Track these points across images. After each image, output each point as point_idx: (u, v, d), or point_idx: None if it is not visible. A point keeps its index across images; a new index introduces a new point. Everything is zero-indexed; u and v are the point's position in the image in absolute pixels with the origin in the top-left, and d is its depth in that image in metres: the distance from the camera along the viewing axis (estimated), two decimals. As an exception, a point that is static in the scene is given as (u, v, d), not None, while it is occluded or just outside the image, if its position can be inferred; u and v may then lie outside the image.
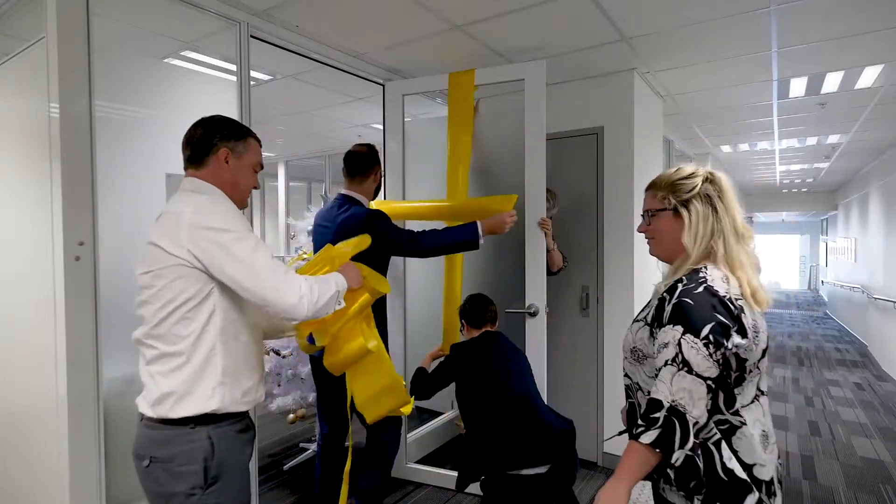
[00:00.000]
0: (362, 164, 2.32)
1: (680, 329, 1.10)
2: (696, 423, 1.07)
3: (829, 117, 4.57)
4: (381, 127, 3.23)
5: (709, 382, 1.07)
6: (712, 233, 1.21)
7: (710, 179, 1.25)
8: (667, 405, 1.07)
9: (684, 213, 1.23)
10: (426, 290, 3.42)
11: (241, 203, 1.44)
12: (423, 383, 2.26)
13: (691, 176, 1.26)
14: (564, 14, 2.39)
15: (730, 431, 1.13)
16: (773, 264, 22.00)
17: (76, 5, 1.76)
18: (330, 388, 2.26)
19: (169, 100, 2.81)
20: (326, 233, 2.25)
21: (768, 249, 21.61)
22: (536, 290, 2.69)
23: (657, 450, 1.06)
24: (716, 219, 1.22)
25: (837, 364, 6.52)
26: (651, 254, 1.36)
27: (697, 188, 1.24)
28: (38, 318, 1.85)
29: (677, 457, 1.07)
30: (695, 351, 1.08)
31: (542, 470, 1.94)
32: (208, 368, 1.26)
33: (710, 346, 1.07)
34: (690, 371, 1.07)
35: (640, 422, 1.11)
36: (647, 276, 3.26)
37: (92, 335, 1.80)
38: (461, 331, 2.39)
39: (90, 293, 1.80)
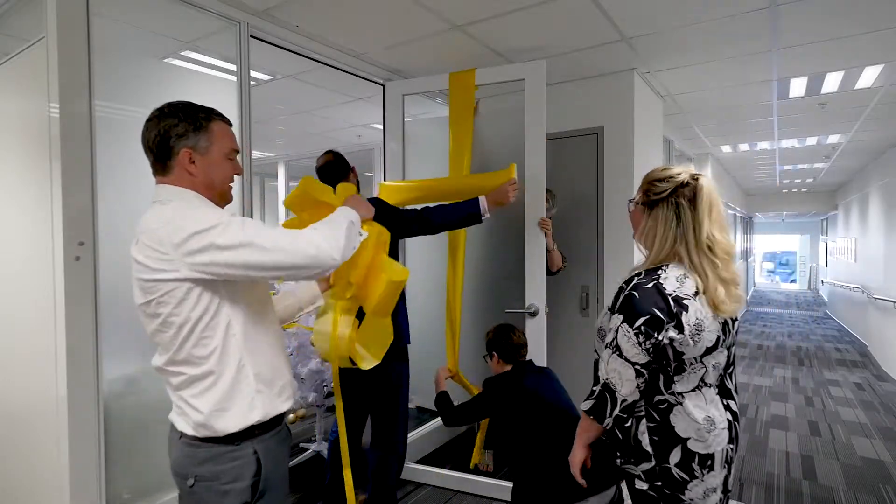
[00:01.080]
0: (339, 170, 2.26)
1: (620, 318, 1.25)
2: (624, 399, 1.25)
3: (829, 117, 4.57)
4: (381, 127, 3.23)
5: (637, 367, 1.23)
6: (675, 239, 1.30)
7: (686, 185, 1.32)
8: (602, 381, 1.27)
9: (647, 213, 1.35)
10: (426, 289, 3.42)
11: (224, 198, 1.32)
12: (454, 415, 2.24)
13: (668, 179, 1.33)
14: (564, 14, 2.39)
15: (668, 409, 1.28)
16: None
17: (76, 5, 1.76)
18: (354, 396, 2.24)
19: (169, 100, 2.81)
20: None
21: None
22: (536, 290, 2.69)
23: (591, 417, 1.30)
24: (678, 226, 1.29)
25: (837, 364, 6.52)
26: (636, 239, 1.43)
27: (666, 193, 1.32)
28: (38, 318, 1.85)
29: (607, 422, 1.29)
30: (626, 338, 1.23)
31: (606, 496, 1.80)
32: (241, 381, 1.20)
33: (640, 336, 1.21)
34: (621, 355, 1.24)
35: (589, 406, 1.31)
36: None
37: (92, 335, 1.80)
38: (486, 357, 2.34)
39: (90, 293, 1.79)
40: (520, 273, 2.73)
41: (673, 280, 1.25)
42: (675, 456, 1.26)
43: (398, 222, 2.12)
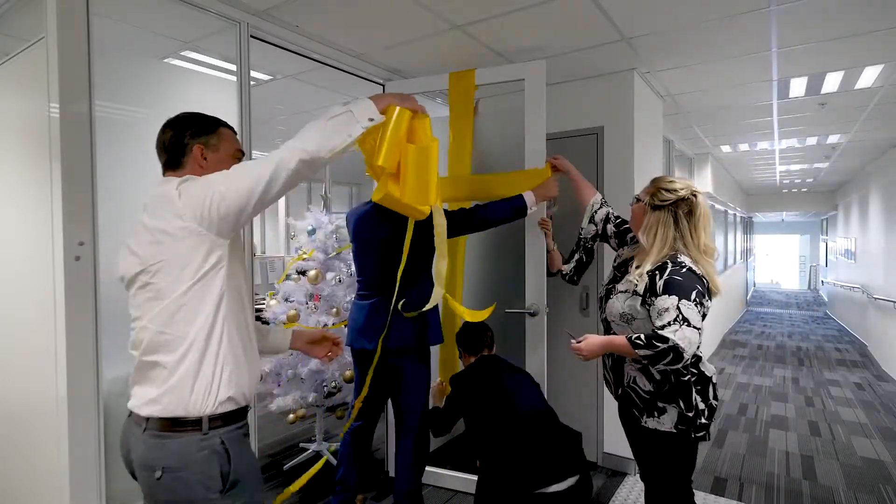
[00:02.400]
0: None
1: (675, 297, 1.55)
2: (686, 361, 1.51)
3: (829, 117, 4.57)
4: (381, 127, 3.22)
5: (699, 331, 1.53)
6: (674, 239, 1.68)
7: (686, 199, 1.67)
8: (671, 344, 1.48)
9: (650, 213, 1.70)
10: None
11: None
12: (437, 422, 2.26)
13: (673, 191, 1.68)
14: (564, 14, 2.38)
15: (698, 360, 1.69)
16: (773, 264, 22.01)
17: (76, 5, 1.76)
18: (369, 392, 2.27)
19: (169, 100, 2.81)
20: (373, 240, 2.26)
21: (769, 249, 21.62)
22: (536, 290, 2.69)
23: (644, 360, 1.56)
24: (676, 230, 1.68)
25: (837, 364, 6.52)
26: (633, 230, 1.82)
27: (669, 202, 1.67)
28: (38, 318, 1.85)
29: (658, 370, 1.61)
30: (689, 310, 1.54)
31: (571, 482, 1.89)
32: (210, 371, 1.23)
33: (698, 306, 1.56)
34: (689, 325, 1.51)
35: (642, 339, 1.53)
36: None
37: (92, 335, 1.80)
38: (460, 358, 2.40)
39: (90, 293, 1.80)
40: (520, 273, 2.73)
41: (694, 265, 1.64)
42: (711, 392, 1.70)
43: (461, 225, 2.26)
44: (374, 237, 2.26)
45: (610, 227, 2.10)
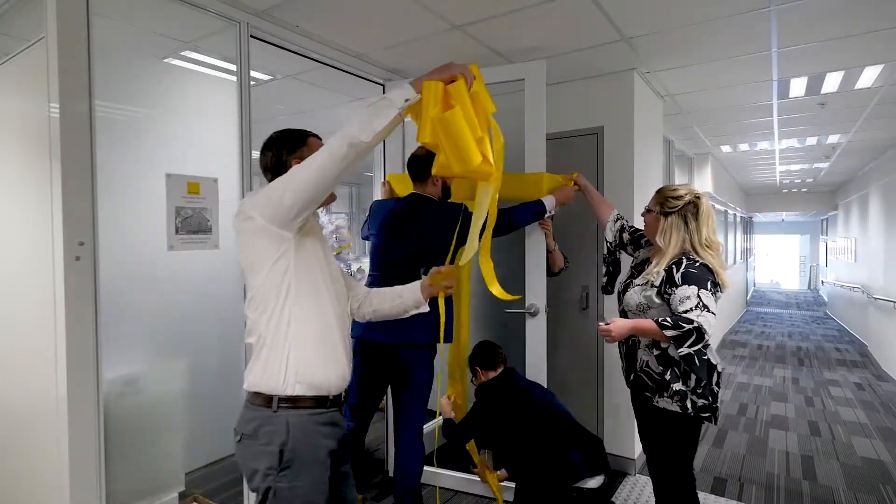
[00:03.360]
0: (423, 166, 2.30)
1: (695, 287, 1.78)
2: (707, 341, 1.73)
3: (829, 117, 4.57)
4: (381, 127, 3.22)
5: (715, 315, 1.76)
6: (684, 240, 1.91)
7: (691, 203, 1.92)
8: (696, 325, 1.69)
9: (662, 220, 1.96)
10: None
11: (328, 199, 1.52)
12: (458, 431, 2.37)
13: (679, 198, 1.93)
14: (564, 14, 2.38)
15: (706, 347, 1.86)
16: (773, 264, 22.01)
17: (76, 5, 1.76)
18: (370, 387, 2.33)
19: (169, 100, 2.81)
20: (406, 234, 2.27)
21: (770, 249, 21.62)
22: (536, 290, 2.69)
23: (671, 340, 1.72)
24: (686, 231, 1.91)
25: (837, 364, 6.52)
26: (645, 234, 2.13)
27: (678, 208, 1.93)
28: (38, 318, 1.85)
29: (684, 351, 1.73)
30: (708, 297, 1.77)
31: (601, 480, 2.10)
32: (285, 355, 1.37)
33: (714, 295, 1.80)
34: (709, 310, 1.74)
35: (668, 321, 1.72)
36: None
37: (92, 335, 1.80)
38: (472, 380, 2.52)
39: (90, 293, 1.80)
40: (520, 273, 2.73)
41: (703, 260, 1.86)
42: (714, 378, 1.88)
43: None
44: (407, 231, 2.28)
45: (625, 236, 2.33)
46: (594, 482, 2.09)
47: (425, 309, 1.74)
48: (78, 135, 1.76)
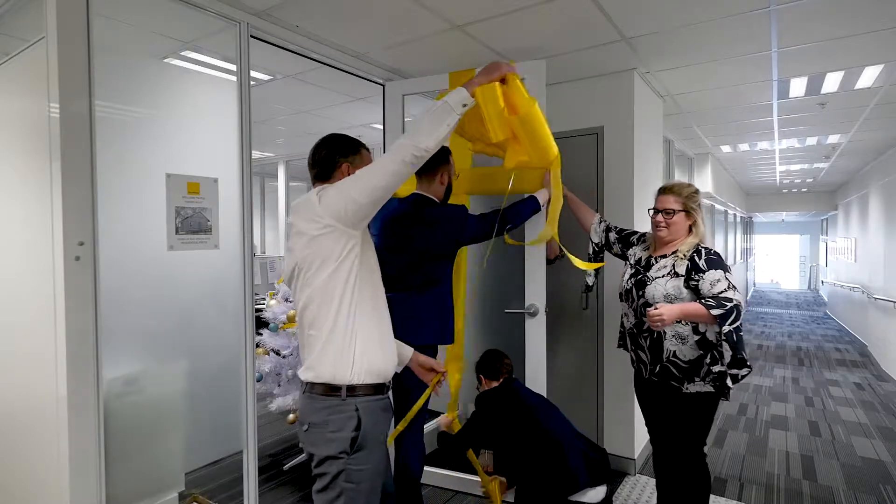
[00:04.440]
0: (431, 160, 2.28)
1: (721, 271, 1.96)
2: (740, 316, 1.88)
3: (829, 117, 4.57)
4: (381, 127, 3.23)
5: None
6: (703, 232, 2.13)
7: (698, 193, 2.17)
8: (735, 303, 1.86)
9: (696, 215, 2.13)
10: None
11: None
12: (458, 440, 2.38)
13: (697, 193, 2.16)
14: (564, 14, 2.38)
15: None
16: (773, 264, 22.00)
17: (76, 5, 1.76)
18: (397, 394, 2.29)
19: (169, 100, 2.81)
20: (406, 238, 2.24)
21: (770, 249, 21.60)
22: (536, 290, 2.69)
23: (717, 319, 1.85)
24: (702, 221, 2.15)
25: (837, 364, 6.52)
26: (659, 235, 2.17)
27: (700, 202, 2.13)
28: (38, 318, 1.85)
29: (727, 329, 1.86)
30: (731, 278, 1.96)
31: (602, 493, 2.10)
32: (351, 346, 1.47)
33: (731, 278, 1.97)
34: (736, 290, 1.92)
35: (710, 301, 1.88)
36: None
37: (92, 335, 1.80)
38: (477, 387, 2.53)
39: (90, 293, 1.80)
40: (520, 273, 2.73)
41: (715, 248, 2.09)
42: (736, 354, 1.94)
43: (488, 227, 2.30)
44: (410, 235, 2.25)
45: (612, 236, 2.44)
46: (595, 494, 2.07)
47: (398, 369, 1.81)
48: (78, 135, 1.76)
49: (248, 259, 2.30)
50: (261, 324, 2.77)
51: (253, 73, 2.40)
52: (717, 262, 1.99)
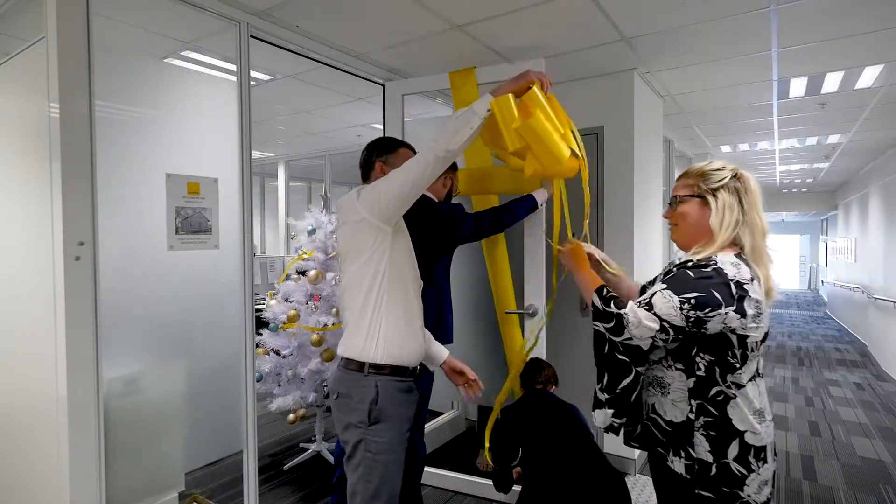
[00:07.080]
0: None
1: (664, 286, 1.26)
2: (629, 338, 1.26)
3: (829, 117, 4.56)
4: (381, 127, 3.23)
5: (664, 324, 1.22)
6: (737, 223, 1.32)
7: (737, 176, 1.36)
8: (622, 313, 1.26)
9: (711, 200, 1.35)
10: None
11: None
12: (495, 454, 2.30)
13: (721, 169, 1.37)
14: (564, 14, 2.38)
15: (724, 401, 1.27)
16: (772, 264, 21.95)
17: (76, 5, 1.76)
18: None
19: (169, 100, 2.81)
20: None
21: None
22: (536, 291, 2.68)
23: (591, 305, 1.38)
24: (741, 211, 1.33)
25: (837, 364, 6.52)
26: (672, 239, 1.53)
27: (726, 180, 1.34)
28: (38, 318, 1.85)
29: (598, 327, 1.34)
30: (665, 301, 1.23)
31: None
32: (378, 329, 1.59)
33: (686, 305, 1.21)
34: (650, 309, 1.23)
35: (607, 293, 1.36)
36: (647, 277, 3.25)
37: (92, 335, 1.80)
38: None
39: (90, 293, 1.80)
40: (519, 273, 2.73)
41: (729, 266, 1.26)
42: (733, 450, 1.26)
43: (486, 225, 2.33)
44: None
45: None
46: None
47: (431, 366, 1.89)
48: (78, 135, 1.76)
49: (248, 259, 2.30)
50: (261, 324, 2.77)
51: (253, 73, 2.40)
52: (680, 279, 1.27)
